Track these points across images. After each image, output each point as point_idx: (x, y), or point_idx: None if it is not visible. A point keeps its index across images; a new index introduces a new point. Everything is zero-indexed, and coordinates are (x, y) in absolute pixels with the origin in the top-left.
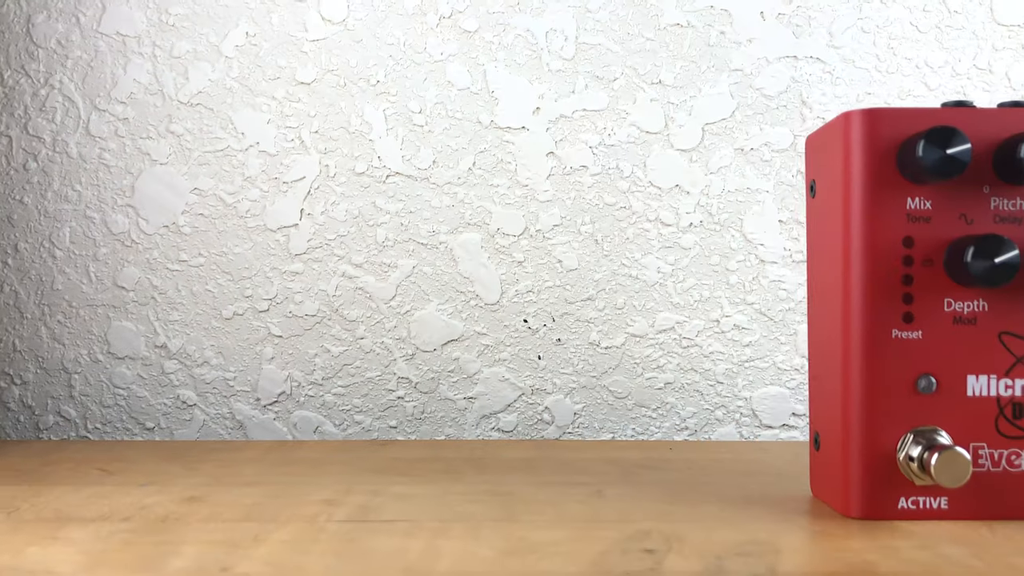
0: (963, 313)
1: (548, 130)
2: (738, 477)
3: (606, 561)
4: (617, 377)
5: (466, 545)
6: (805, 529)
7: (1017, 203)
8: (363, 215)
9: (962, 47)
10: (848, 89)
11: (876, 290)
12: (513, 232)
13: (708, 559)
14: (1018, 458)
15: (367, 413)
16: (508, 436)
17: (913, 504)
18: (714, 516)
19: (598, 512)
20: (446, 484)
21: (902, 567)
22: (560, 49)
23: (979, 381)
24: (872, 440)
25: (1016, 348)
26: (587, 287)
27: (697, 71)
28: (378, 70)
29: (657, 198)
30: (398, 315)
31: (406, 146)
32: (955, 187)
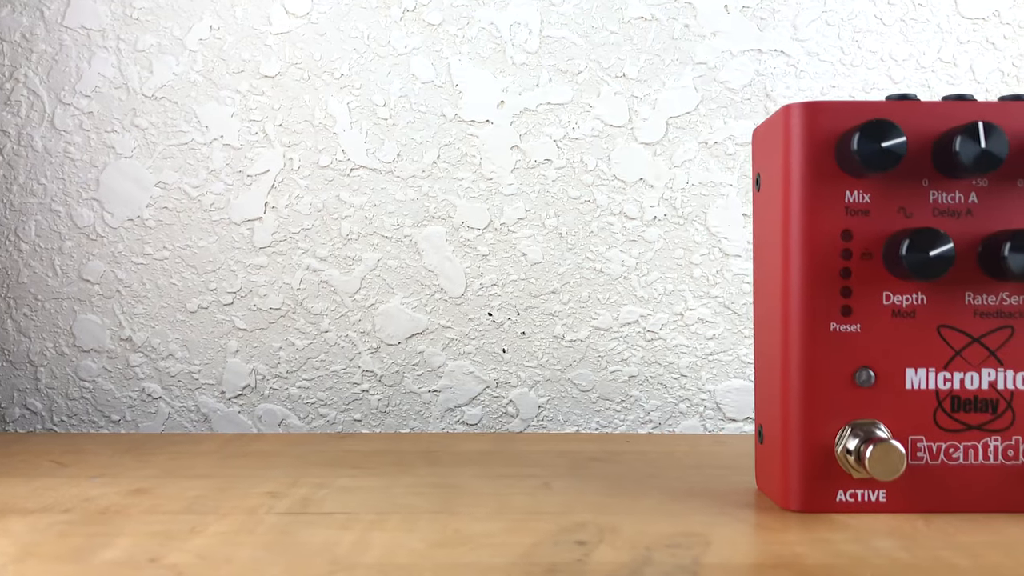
0: (901, 306)
1: (512, 123)
2: (688, 470)
3: (535, 553)
4: (581, 370)
5: (398, 537)
6: (742, 522)
7: (956, 196)
8: (327, 208)
9: (927, 40)
10: (812, 82)
11: (814, 283)
12: (478, 225)
13: (637, 551)
14: (956, 451)
15: (332, 406)
16: (473, 429)
17: (851, 497)
18: (653, 508)
19: (539, 504)
20: (394, 477)
21: (829, 560)
22: (524, 42)
23: (918, 374)
24: (810, 433)
25: (955, 341)
26: (552, 280)
27: (661, 64)
28: (342, 63)
29: (621, 192)
30: (363, 308)
31: (370, 139)
32: (894, 180)
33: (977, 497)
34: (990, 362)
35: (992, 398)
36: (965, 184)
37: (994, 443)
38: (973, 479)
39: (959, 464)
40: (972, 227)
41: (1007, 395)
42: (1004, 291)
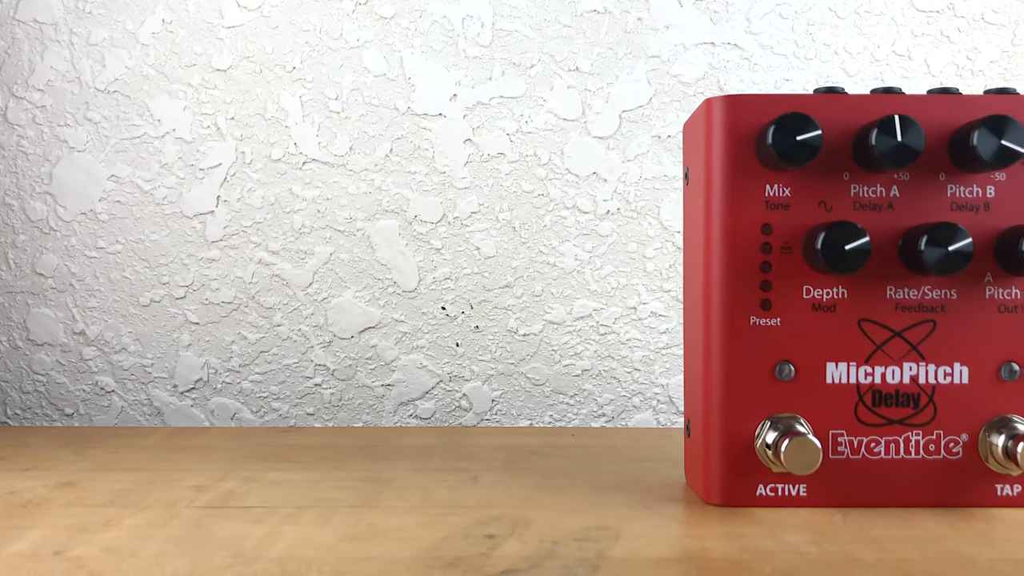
0: (822, 300)
1: (465, 117)
2: (624, 464)
3: (442, 546)
4: (535, 364)
5: (309, 531)
6: (660, 515)
7: (877, 190)
8: (279, 202)
9: (881, 33)
10: (766, 75)
11: (734, 277)
12: (431, 219)
13: (544, 544)
14: (877, 445)
15: (284, 400)
16: (426, 423)
17: (772, 491)
18: (575, 502)
19: (461, 499)
20: (326, 471)
21: (735, 554)
22: (477, 36)
23: (838, 368)
24: (731, 427)
25: (875, 335)
26: (505, 274)
27: (614, 58)
28: (294, 57)
29: (575, 185)
30: (315, 302)
31: (322, 133)
32: (815, 174)
33: (899, 492)
34: (911, 356)
35: (913, 392)
36: (886, 178)
37: (915, 437)
38: (894, 474)
39: (880, 458)
40: (893, 221)
41: (928, 389)
42: (926, 285)
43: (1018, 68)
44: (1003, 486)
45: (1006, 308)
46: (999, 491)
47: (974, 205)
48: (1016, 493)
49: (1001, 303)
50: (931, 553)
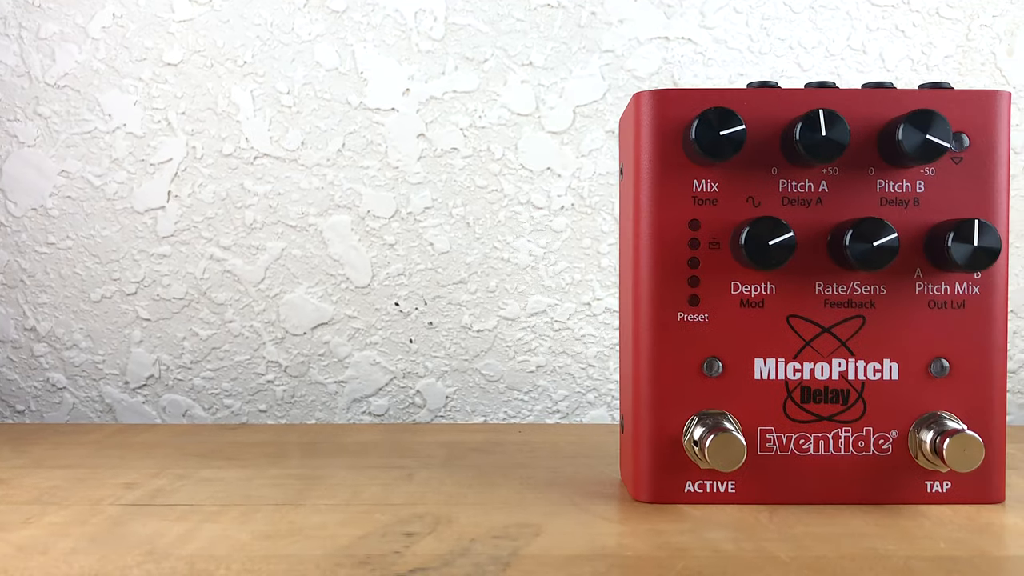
0: (750, 296)
1: (418, 111)
2: (563, 460)
3: (357, 544)
4: (489, 360)
5: (227, 529)
6: (586, 512)
7: (806, 185)
8: (231, 197)
9: (836, 27)
10: (720, 70)
11: (662, 273)
12: (384, 214)
13: (461, 542)
14: (806, 442)
15: (236, 397)
16: (379, 420)
17: (700, 488)
18: (504, 499)
19: (390, 496)
20: (262, 468)
21: (650, 552)
22: (429, 30)
23: (767, 364)
24: (660, 424)
25: (805, 331)
26: (459, 270)
27: (568, 52)
28: (245, 51)
29: (528, 181)
30: (267, 298)
31: (274, 127)
32: (743, 169)
33: (828, 489)
34: (841, 352)
35: (843, 389)
36: (815, 173)
37: (845, 434)
38: (824, 471)
39: (809, 455)
40: (822, 216)
41: (858, 386)
42: (855, 281)
43: (972, 63)
44: (933, 483)
45: (936, 304)
46: (929, 488)
47: (903, 200)
48: (946, 490)
49: (931, 299)
50: (848, 550)
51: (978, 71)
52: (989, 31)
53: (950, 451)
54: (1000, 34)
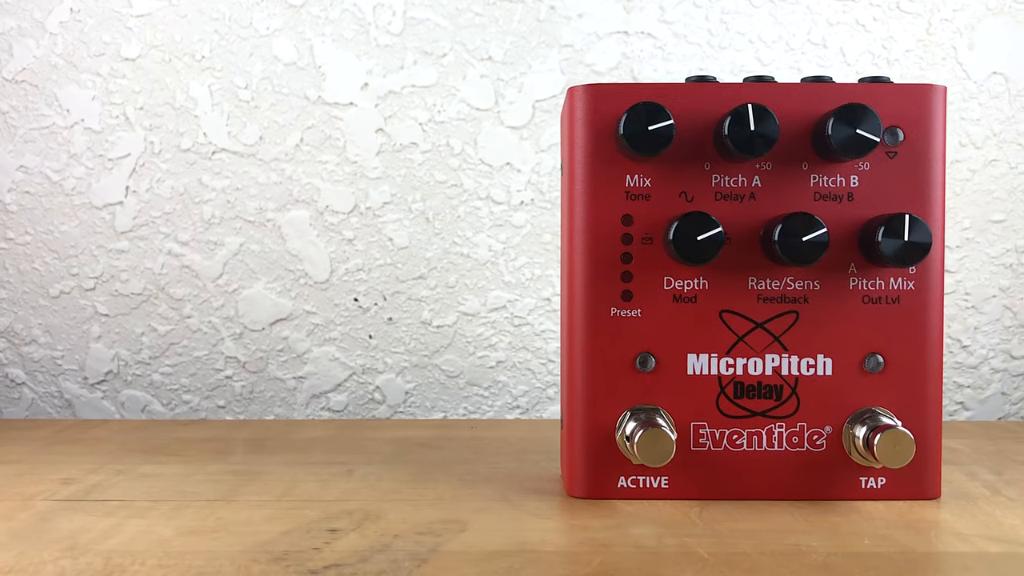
0: (683, 291)
1: (377, 106)
2: (508, 456)
3: (278, 541)
4: (449, 356)
5: (153, 525)
6: (517, 508)
7: (739, 180)
8: (189, 192)
9: (796, 21)
10: (680, 65)
11: (595, 268)
12: (342, 209)
13: (384, 538)
14: (739, 437)
15: (195, 392)
16: (338, 416)
17: (633, 483)
18: (438, 495)
19: (324, 492)
20: (202, 464)
21: (571, 547)
22: (388, 24)
23: (699, 360)
24: (593, 419)
25: (738, 327)
26: (418, 265)
27: (527, 47)
28: (203, 45)
29: (488, 176)
30: (225, 294)
31: (232, 122)
32: (676, 164)
33: (762, 484)
34: (774, 348)
35: (776, 384)
36: (748, 168)
37: (778, 430)
38: (757, 466)
39: (743, 451)
40: (755, 211)
41: (791, 381)
42: (788, 276)
43: (933, 57)
44: (867, 479)
45: (870, 299)
46: (863, 484)
47: (837, 195)
48: (880, 486)
49: (865, 294)
50: (769, 547)
51: (939, 65)
52: (950, 25)
53: (881, 447)
54: (961, 28)
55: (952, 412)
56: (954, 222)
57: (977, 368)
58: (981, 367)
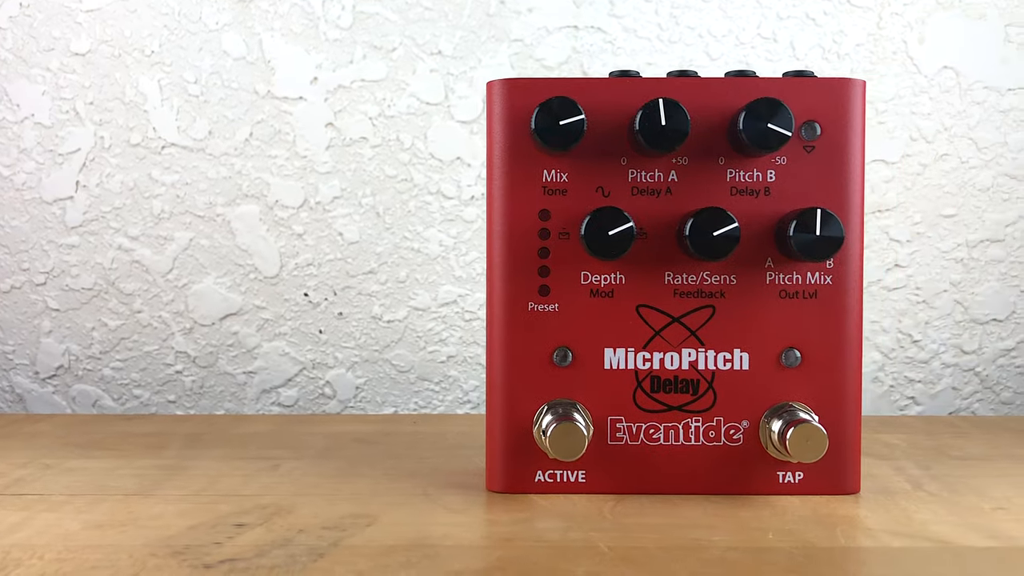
0: (599, 286)
1: (326, 100)
2: (441, 451)
3: (183, 535)
4: (400, 351)
5: (63, 519)
6: (432, 503)
7: (656, 175)
8: (139, 187)
9: (746, 16)
10: (630, 59)
11: (513, 263)
12: (292, 204)
13: (289, 533)
14: (656, 432)
15: (146, 387)
16: (289, 411)
17: (551, 478)
18: (355, 490)
19: (244, 487)
20: (131, 459)
21: (473, 541)
22: (337, 18)
23: (616, 354)
24: (511, 413)
25: (654, 321)
26: (369, 260)
27: (477, 41)
28: (153, 40)
29: (438, 170)
30: (175, 288)
31: (181, 117)
32: (592, 159)
33: (678, 479)
34: (690, 342)
35: (692, 379)
36: (664, 162)
37: (695, 424)
38: (674, 460)
39: (659, 445)
40: (671, 206)
41: (708, 375)
42: (705, 271)
43: (884, 51)
44: (784, 473)
45: (787, 294)
46: (781, 478)
47: (754, 190)
48: (798, 480)
49: (782, 288)
50: (670, 541)
51: (889, 59)
52: (900, 19)
53: (793, 441)
54: (911, 22)
55: (903, 407)
56: (904, 217)
57: (928, 363)
58: (932, 362)
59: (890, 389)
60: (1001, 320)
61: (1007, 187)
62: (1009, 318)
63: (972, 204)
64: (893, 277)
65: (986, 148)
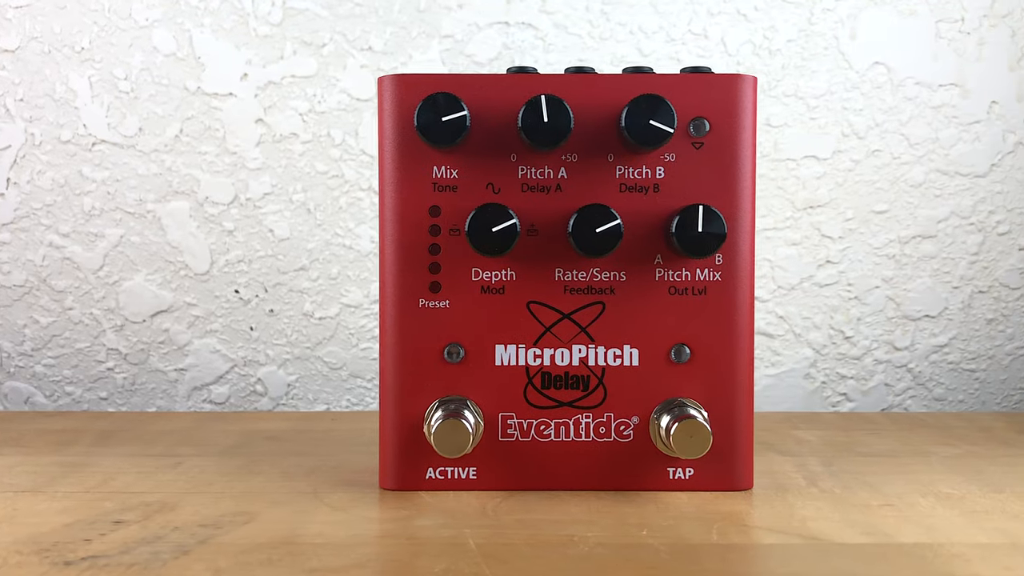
0: (490, 282)
1: (257, 96)
2: (348, 448)
3: (56, 532)
4: (332, 348)
5: None
6: (318, 501)
7: (545, 171)
8: (69, 184)
9: (677, 12)
10: (561, 56)
11: (404, 259)
12: (222, 201)
13: (162, 530)
14: (547, 428)
15: (78, 384)
16: (220, 408)
17: (441, 475)
18: (245, 488)
19: (137, 484)
20: (38, 456)
21: (343, 538)
22: (267, 14)
23: (507, 351)
24: (403, 410)
25: (545, 317)
26: (300, 257)
27: (407, 37)
28: (83, 37)
29: (369, 166)
30: (106, 285)
31: (112, 113)
32: (482, 155)
33: (570, 475)
34: (581, 338)
35: (583, 375)
36: (554, 159)
37: (586, 420)
38: (565, 456)
39: (550, 441)
40: (561, 202)
41: (598, 371)
42: (595, 267)
43: (815, 47)
44: (675, 469)
45: (676, 290)
46: (671, 474)
47: (643, 187)
48: (688, 476)
49: (671, 285)
50: (543, 538)
51: (821, 55)
52: (832, 15)
53: (677, 437)
54: (843, 18)
55: (835, 403)
56: (836, 213)
57: (860, 359)
58: (864, 358)
59: (822, 385)
60: (934, 316)
61: (939, 183)
62: (941, 314)
63: (904, 200)
64: (825, 273)
65: (918, 144)
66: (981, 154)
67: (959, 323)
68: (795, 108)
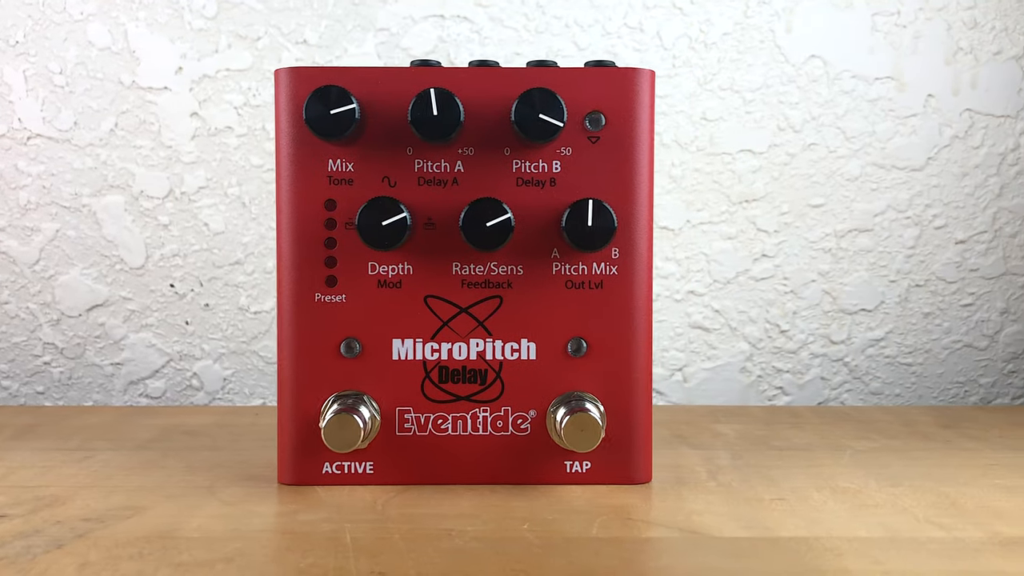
0: (387, 276)
1: (191, 90)
2: (262, 443)
3: None
4: (267, 342)
5: None
6: (211, 496)
7: (442, 165)
8: (4, 178)
9: (613, 5)
10: (497, 50)
11: (299, 253)
12: (157, 195)
13: (45, 525)
14: (445, 422)
15: (14, 379)
16: (156, 402)
17: (338, 469)
18: (141, 483)
19: (38, 478)
20: None
21: (218, 533)
22: (202, 8)
23: (404, 345)
24: (299, 405)
25: (442, 312)
26: (235, 251)
27: (343, 30)
28: (17, 30)
29: None
30: (42, 279)
31: (47, 107)
32: (378, 149)
33: (467, 469)
34: (478, 332)
35: (480, 369)
36: (451, 153)
37: (483, 414)
38: (463, 450)
39: (448, 435)
40: (458, 196)
41: (496, 365)
42: (492, 261)
43: (751, 40)
44: (572, 463)
45: (573, 284)
46: (568, 468)
47: (539, 180)
48: (585, 470)
49: (568, 279)
50: (421, 532)
51: (757, 48)
52: (768, 8)
53: (568, 431)
54: (779, 11)
55: (771, 397)
56: (772, 207)
57: (796, 353)
58: (800, 352)
59: (758, 379)
60: (870, 310)
61: (875, 176)
62: (878, 308)
63: (840, 194)
64: (760, 267)
65: (854, 137)
66: (917, 148)
67: (895, 317)
68: (731, 102)
